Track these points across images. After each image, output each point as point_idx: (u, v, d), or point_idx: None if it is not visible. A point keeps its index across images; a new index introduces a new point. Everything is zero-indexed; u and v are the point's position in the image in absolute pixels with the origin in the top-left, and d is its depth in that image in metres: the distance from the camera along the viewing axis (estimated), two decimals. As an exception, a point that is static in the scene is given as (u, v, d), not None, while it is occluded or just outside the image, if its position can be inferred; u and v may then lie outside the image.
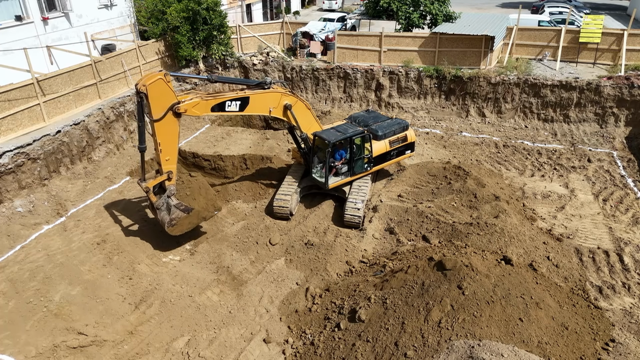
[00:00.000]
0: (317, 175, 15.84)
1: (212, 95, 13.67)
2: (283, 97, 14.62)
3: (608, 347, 9.84)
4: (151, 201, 13.75)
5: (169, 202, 13.63)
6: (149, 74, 12.40)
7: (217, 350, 11.06)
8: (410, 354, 9.14)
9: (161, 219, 13.66)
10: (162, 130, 12.90)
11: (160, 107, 12.56)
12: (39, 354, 10.69)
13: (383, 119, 17.13)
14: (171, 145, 13.30)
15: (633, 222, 15.22)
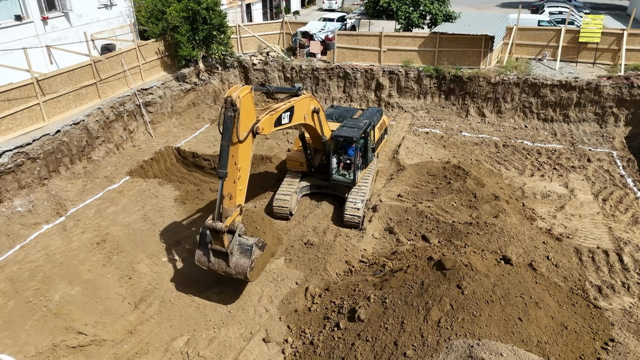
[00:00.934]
0: (341, 175, 15.76)
1: (270, 109, 12.45)
2: (311, 102, 13.84)
3: (607, 346, 9.84)
4: (222, 243, 11.12)
5: (243, 241, 11.37)
6: (236, 86, 10.85)
7: (216, 349, 11.06)
8: (409, 354, 9.14)
9: (234, 264, 11.22)
10: (244, 154, 11.00)
11: (244, 126, 10.94)
12: (38, 353, 10.70)
13: (354, 111, 17.70)
14: (247, 172, 11.38)
15: (633, 221, 15.22)
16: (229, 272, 11.34)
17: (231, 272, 11.31)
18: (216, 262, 11.42)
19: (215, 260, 11.41)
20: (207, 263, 11.51)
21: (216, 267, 11.46)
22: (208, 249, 11.40)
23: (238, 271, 11.25)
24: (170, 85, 22.77)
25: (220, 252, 11.24)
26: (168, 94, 22.51)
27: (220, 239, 11.01)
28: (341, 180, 15.70)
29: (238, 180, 10.84)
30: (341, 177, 15.74)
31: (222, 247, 11.13)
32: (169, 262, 13.94)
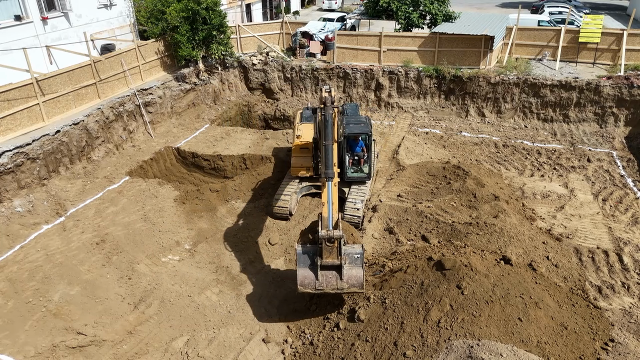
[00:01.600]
0: (355, 172, 15.81)
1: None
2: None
3: (607, 346, 9.83)
4: (337, 254, 10.17)
5: (349, 250, 10.39)
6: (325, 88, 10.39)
7: (216, 350, 11.05)
8: (409, 354, 9.13)
9: (346, 277, 10.25)
10: (336, 154, 10.73)
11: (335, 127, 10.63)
12: (38, 353, 10.69)
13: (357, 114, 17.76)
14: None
15: (632, 221, 15.21)
16: (341, 287, 10.20)
17: (344, 286, 10.19)
18: (325, 280, 10.22)
19: (324, 278, 10.21)
20: (314, 284, 10.19)
21: (325, 285, 10.23)
22: (313, 268, 10.22)
23: (352, 284, 10.18)
24: (170, 85, 22.76)
25: (331, 266, 10.13)
26: (168, 94, 22.50)
27: (334, 250, 10.04)
28: (356, 177, 15.81)
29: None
30: (356, 174, 15.83)
31: (336, 260, 10.05)
32: (168, 262, 13.92)
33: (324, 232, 9.88)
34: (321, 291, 10.35)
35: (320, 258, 10.09)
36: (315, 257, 10.21)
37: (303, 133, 16.29)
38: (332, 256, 10.06)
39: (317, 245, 10.21)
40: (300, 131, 16.41)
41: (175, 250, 14.49)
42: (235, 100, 25.92)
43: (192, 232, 15.37)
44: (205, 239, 15.03)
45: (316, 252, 10.22)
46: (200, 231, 15.45)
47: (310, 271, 10.27)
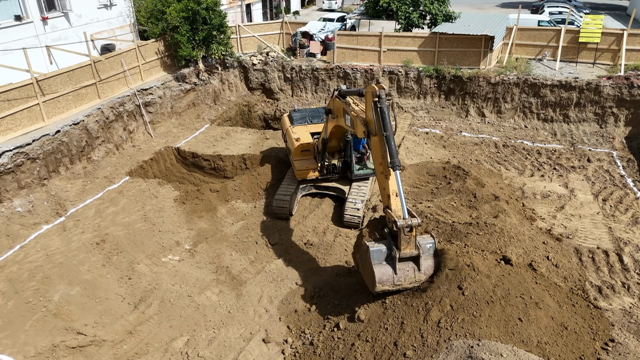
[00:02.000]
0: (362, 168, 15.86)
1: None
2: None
3: (607, 347, 9.82)
4: (415, 244, 9.85)
5: (421, 242, 10.09)
6: (371, 85, 10.53)
7: (216, 350, 11.05)
8: (409, 354, 9.12)
9: (424, 267, 10.00)
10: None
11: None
12: (38, 353, 10.69)
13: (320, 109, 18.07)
14: None
15: (633, 222, 15.21)
16: (419, 279, 9.88)
17: (421, 278, 9.86)
18: (403, 274, 9.81)
19: (402, 272, 9.80)
20: (392, 279, 9.76)
21: (403, 279, 9.82)
22: (390, 263, 9.78)
23: (429, 274, 9.86)
24: (170, 85, 22.77)
25: (409, 258, 9.81)
26: (168, 94, 22.50)
27: (412, 239, 9.68)
28: (362, 174, 15.88)
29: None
30: (362, 171, 15.89)
31: (414, 250, 9.72)
32: (168, 263, 13.93)
33: (402, 222, 9.49)
34: (399, 286, 9.89)
35: (398, 250, 9.67)
36: (391, 252, 9.79)
37: (300, 135, 16.30)
38: (410, 246, 9.72)
39: (386, 240, 10.03)
40: (296, 134, 16.40)
41: (176, 251, 14.49)
42: (235, 100, 25.92)
43: (192, 232, 15.37)
44: (206, 239, 15.03)
45: (389, 248, 9.87)
46: (201, 231, 15.45)
47: (387, 267, 9.74)
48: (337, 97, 13.01)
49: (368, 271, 10.04)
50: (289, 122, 17.44)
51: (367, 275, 10.18)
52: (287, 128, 17.07)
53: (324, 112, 17.73)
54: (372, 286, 9.99)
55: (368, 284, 10.23)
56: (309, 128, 16.98)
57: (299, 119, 17.29)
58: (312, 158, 16.03)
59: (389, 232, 10.08)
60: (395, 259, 9.73)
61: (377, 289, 9.86)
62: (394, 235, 9.83)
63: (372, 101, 10.15)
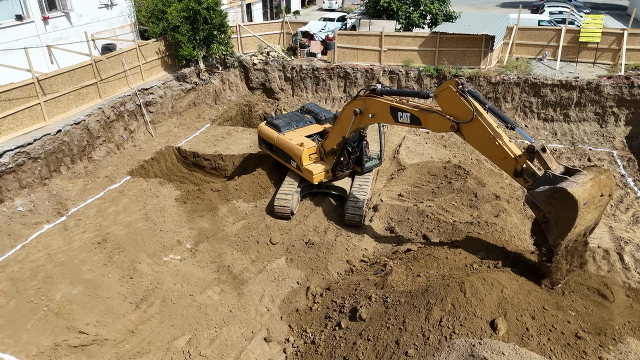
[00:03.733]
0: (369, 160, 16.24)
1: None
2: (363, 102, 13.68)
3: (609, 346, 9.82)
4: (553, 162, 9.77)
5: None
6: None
7: (218, 349, 11.07)
8: (411, 353, 9.14)
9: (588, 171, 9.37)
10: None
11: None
12: (40, 352, 10.71)
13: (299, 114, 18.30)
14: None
15: (633, 221, 15.23)
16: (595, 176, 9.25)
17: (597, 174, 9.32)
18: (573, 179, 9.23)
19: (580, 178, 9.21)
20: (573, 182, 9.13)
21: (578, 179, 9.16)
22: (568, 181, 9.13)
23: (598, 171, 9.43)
24: (170, 85, 22.78)
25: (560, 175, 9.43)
26: (169, 94, 22.52)
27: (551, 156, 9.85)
28: (372, 165, 16.36)
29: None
30: (370, 162, 16.29)
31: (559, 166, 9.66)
32: (170, 262, 13.94)
33: (535, 143, 9.74)
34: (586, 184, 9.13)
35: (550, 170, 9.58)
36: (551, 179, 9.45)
37: (300, 140, 16.25)
38: (554, 163, 9.75)
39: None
40: (294, 140, 16.31)
41: (177, 250, 14.51)
42: (235, 100, 25.94)
43: (193, 232, 15.38)
44: (207, 239, 15.05)
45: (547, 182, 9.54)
46: (202, 231, 15.47)
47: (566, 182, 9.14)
48: (372, 96, 13.10)
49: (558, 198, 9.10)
50: (275, 130, 17.19)
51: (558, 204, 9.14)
52: (278, 136, 16.88)
53: (302, 115, 17.92)
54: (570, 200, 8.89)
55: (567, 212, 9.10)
56: (300, 132, 16.94)
57: (286, 126, 17.14)
58: (320, 160, 16.07)
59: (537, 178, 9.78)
60: (555, 175, 9.32)
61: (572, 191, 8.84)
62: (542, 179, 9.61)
63: (457, 91, 10.66)
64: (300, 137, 16.56)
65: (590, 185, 9.06)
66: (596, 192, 9.20)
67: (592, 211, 9.41)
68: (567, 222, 9.24)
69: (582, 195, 8.94)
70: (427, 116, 11.76)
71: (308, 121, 17.61)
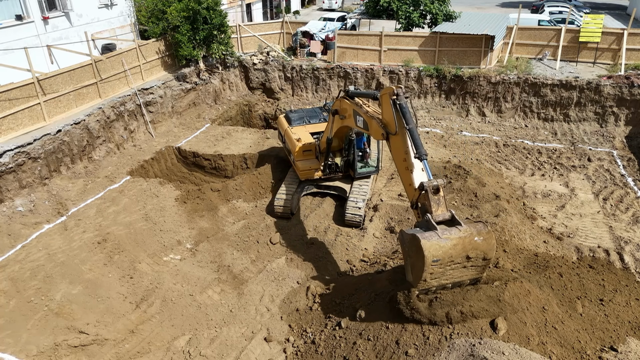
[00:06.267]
0: (363, 168, 15.93)
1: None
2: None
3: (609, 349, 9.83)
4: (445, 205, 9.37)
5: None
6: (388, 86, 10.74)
7: (218, 349, 11.07)
8: (411, 352, 9.14)
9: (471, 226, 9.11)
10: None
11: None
12: (40, 352, 10.71)
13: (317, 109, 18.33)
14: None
15: (633, 221, 15.24)
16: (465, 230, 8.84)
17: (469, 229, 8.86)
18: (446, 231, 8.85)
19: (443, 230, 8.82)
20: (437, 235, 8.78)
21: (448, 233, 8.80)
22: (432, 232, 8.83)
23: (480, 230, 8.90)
24: (170, 84, 22.78)
25: (444, 221, 9.15)
26: (168, 94, 22.51)
27: (442, 200, 9.23)
28: (366, 172, 15.95)
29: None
30: (364, 168, 15.95)
31: (446, 210, 9.18)
32: (170, 262, 13.94)
33: (428, 182, 9.20)
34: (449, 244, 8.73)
35: (430, 214, 9.09)
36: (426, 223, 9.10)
37: (301, 136, 16.30)
38: (441, 208, 9.20)
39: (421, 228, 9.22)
40: (296, 135, 16.39)
41: (177, 250, 14.51)
42: (235, 99, 25.94)
43: (193, 232, 15.38)
44: (207, 238, 15.05)
45: (423, 226, 9.18)
46: (202, 230, 15.47)
47: (429, 231, 8.88)
48: (345, 97, 13.02)
49: (414, 246, 8.86)
50: (287, 123, 17.41)
51: (414, 252, 8.91)
52: (286, 129, 17.06)
53: (320, 111, 17.82)
54: (420, 253, 8.59)
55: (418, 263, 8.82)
56: (308, 128, 16.98)
57: (297, 120, 17.28)
58: (314, 158, 16.03)
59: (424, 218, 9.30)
60: (429, 222, 8.94)
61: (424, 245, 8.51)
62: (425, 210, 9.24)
63: (390, 100, 10.19)
64: (305, 133, 16.57)
65: (453, 244, 8.67)
66: (458, 253, 8.77)
67: (459, 269, 9.05)
68: (418, 273, 8.94)
69: (434, 252, 8.59)
70: (370, 122, 11.44)
71: (322, 119, 17.39)
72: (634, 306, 10.59)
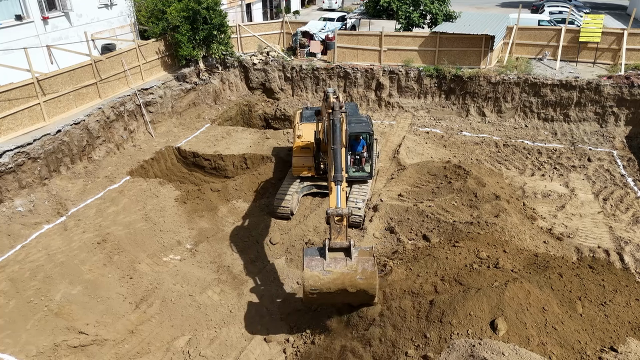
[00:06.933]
0: (358, 171, 15.86)
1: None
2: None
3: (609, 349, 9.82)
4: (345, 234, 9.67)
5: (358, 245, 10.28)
6: (328, 91, 10.42)
7: (217, 349, 11.07)
8: (411, 353, 9.14)
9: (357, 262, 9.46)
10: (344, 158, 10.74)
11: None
12: (39, 353, 10.71)
13: (356, 111, 17.91)
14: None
15: (633, 221, 15.23)
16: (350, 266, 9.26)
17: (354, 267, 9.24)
18: (332, 263, 9.37)
19: (333, 260, 9.39)
20: (322, 265, 9.36)
21: (333, 266, 9.34)
22: (322, 253, 9.49)
23: (364, 267, 9.26)
24: (170, 85, 22.77)
25: (340, 248, 9.44)
26: (168, 94, 22.51)
27: (343, 229, 9.41)
28: (358, 176, 15.83)
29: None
30: (357, 173, 15.87)
31: (345, 240, 9.42)
32: (170, 262, 13.94)
33: (332, 209, 9.46)
34: (329, 277, 9.28)
35: (329, 239, 9.53)
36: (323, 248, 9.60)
37: (304, 133, 16.29)
38: (340, 236, 9.50)
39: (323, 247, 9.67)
40: (300, 131, 16.40)
41: (177, 250, 14.50)
42: (235, 99, 25.93)
43: (193, 232, 15.38)
44: (207, 239, 15.04)
45: (320, 250, 9.64)
46: (202, 231, 15.46)
47: (318, 256, 9.45)
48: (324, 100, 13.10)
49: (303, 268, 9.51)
50: (299, 119, 17.46)
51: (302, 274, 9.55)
52: (295, 124, 17.14)
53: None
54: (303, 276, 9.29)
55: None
56: (314, 126, 16.94)
57: (308, 117, 17.24)
58: (311, 156, 16.04)
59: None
60: (325, 247, 9.43)
61: (305, 274, 9.19)
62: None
63: (326, 112, 10.08)
64: (310, 130, 16.54)
65: (333, 278, 9.16)
66: (337, 287, 9.22)
67: (342, 296, 9.60)
68: (304, 291, 9.46)
69: (313, 283, 9.22)
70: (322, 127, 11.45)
71: None
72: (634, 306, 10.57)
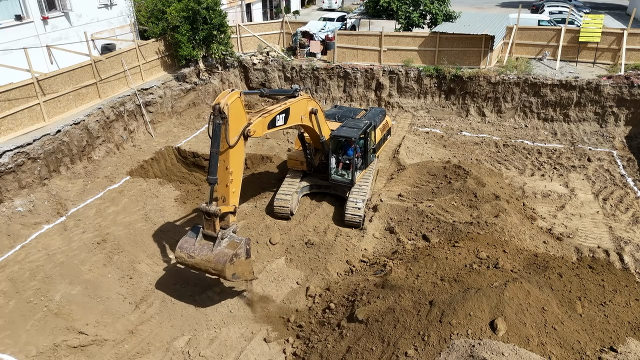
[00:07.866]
0: (339, 175, 15.74)
1: (264, 112, 12.05)
2: (309, 103, 13.75)
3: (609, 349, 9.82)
4: (214, 228, 11.06)
5: (234, 236, 11.42)
6: (225, 92, 10.68)
7: (217, 349, 11.07)
8: (410, 353, 9.14)
9: (217, 251, 10.99)
10: (235, 158, 10.96)
11: (234, 131, 10.82)
12: (39, 353, 10.71)
13: (357, 111, 17.71)
14: (239, 175, 11.37)
15: (633, 221, 15.23)
16: (207, 258, 10.95)
17: (210, 258, 10.93)
18: (199, 248, 11.13)
19: (199, 246, 11.15)
20: (190, 249, 11.19)
21: (197, 253, 11.07)
22: (194, 239, 11.32)
23: (218, 259, 10.87)
24: (170, 85, 22.77)
25: (210, 236, 11.17)
26: (168, 94, 22.51)
27: (212, 223, 11.01)
28: (339, 180, 15.72)
29: (230, 184, 11.01)
30: (340, 177, 15.75)
31: (213, 232, 11.06)
32: (169, 262, 13.93)
33: (203, 206, 10.91)
34: (192, 260, 11.14)
35: (202, 227, 11.28)
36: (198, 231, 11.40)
37: None
38: (210, 228, 11.11)
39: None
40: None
41: (176, 250, 14.48)
42: (235, 100, 25.89)
43: (192, 232, 15.35)
44: (206, 239, 15.02)
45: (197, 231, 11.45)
46: (201, 231, 15.43)
47: (193, 239, 11.32)
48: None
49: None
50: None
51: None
52: None
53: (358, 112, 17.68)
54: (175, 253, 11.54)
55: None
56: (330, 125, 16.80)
57: (328, 115, 17.04)
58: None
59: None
60: (199, 232, 11.31)
61: (175, 254, 11.41)
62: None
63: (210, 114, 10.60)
64: None
65: (194, 262, 11.17)
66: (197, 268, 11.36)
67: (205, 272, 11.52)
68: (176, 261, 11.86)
69: (180, 260, 11.44)
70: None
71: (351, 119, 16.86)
72: (634, 306, 10.57)
